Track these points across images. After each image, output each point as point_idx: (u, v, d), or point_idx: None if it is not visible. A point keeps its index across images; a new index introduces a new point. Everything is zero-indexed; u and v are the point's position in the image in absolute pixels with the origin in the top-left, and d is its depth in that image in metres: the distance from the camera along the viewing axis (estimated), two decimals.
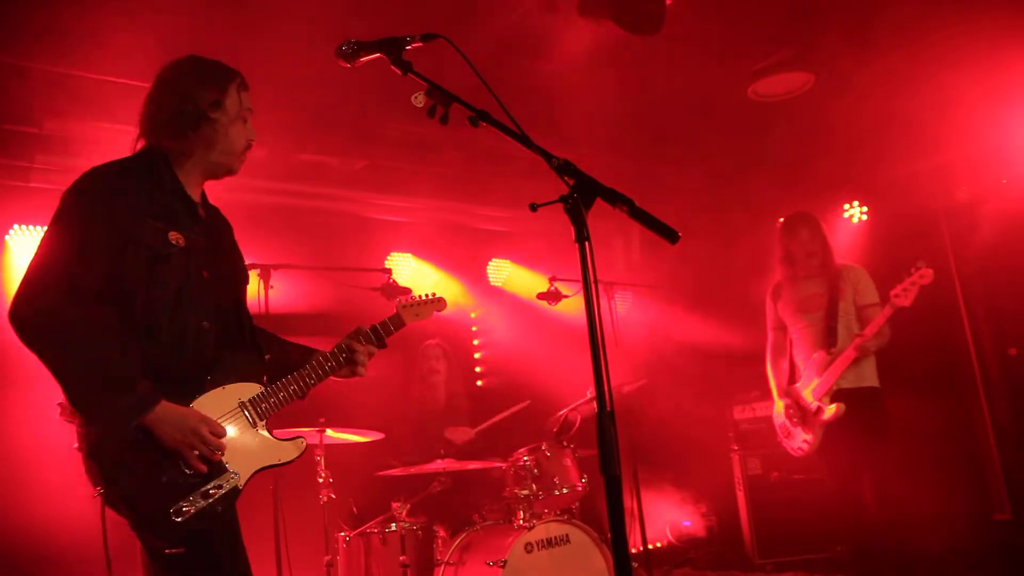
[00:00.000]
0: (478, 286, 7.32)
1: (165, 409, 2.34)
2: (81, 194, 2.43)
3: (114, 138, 4.99)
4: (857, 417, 4.64)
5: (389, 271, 5.41)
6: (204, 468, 2.39)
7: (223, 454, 2.46)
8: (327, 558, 4.48)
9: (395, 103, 3.19)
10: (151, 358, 2.40)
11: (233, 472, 2.48)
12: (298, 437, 2.71)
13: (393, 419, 5.24)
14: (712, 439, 6.77)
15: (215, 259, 2.65)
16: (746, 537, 6.45)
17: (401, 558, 4.35)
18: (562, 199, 2.04)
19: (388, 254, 6.66)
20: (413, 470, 4.74)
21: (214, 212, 2.81)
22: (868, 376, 4.73)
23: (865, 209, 6.76)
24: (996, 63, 5.15)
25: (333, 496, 4.51)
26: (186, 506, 2.35)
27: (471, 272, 7.27)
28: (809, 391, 4.81)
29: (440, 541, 4.60)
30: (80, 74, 4.64)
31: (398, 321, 3.07)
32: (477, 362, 7.25)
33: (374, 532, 4.53)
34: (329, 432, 4.55)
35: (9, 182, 5.15)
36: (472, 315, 7.37)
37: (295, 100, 4.93)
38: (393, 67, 2.33)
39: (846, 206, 6.80)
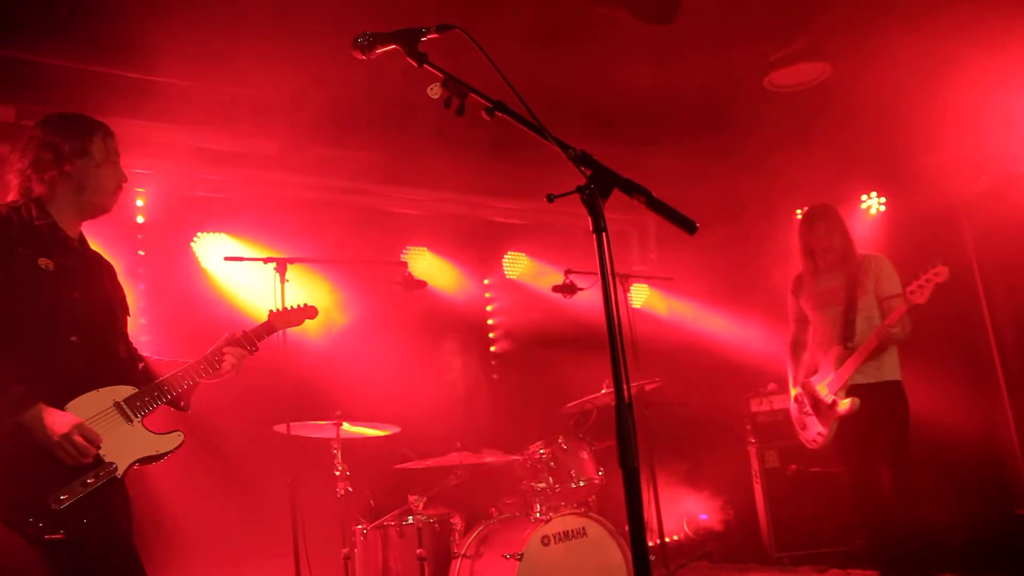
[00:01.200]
0: (493, 279, 7.32)
1: (42, 411, 2.58)
2: None
3: (151, 136, 5.05)
4: (876, 410, 4.61)
5: (405, 264, 5.41)
6: (76, 466, 2.61)
7: (98, 450, 2.67)
8: (345, 551, 4.50)
9: (411, 95, 3.19)
10: (23, 369, 2.63)
11: (111, 463, 2.72)
12: (175, 431, 2.93)
13: (410, 412, 5.24)
14: (729, 432, 6.75)
15: (87, 283, 2.91)
16: (763, 530, 6.43)
17: (418, 551, 4.36)
18: (579, 190, 2.03)
19: (404, 248, 6.67)
20: (430, 463, 4.75)
21: (92, 252, 3.07)
22: (889, 370, 4.68)
23: (883, 200, 6.69)
24: (1019, 50, 5.09)
25: (350, 489, 4.53)
26: (64, 495, 2.56)
27: (486, 265, 7.28)
28: (824, 385, 4.79)
29: (457, 534, 4.61)
30: (96, 69, 4.66)
31: (268, 327, 3.40)
32: (492, 355, 7.25)
33: (391, 525, 4.54)
34: (346, 426, 4.57)
35: None
36: (488, 308, 7.37)
37: (311, 94, 4.93)
38: (409, 59, 2.32)
39: (864, 197, 6.74)
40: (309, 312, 3.79)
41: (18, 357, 2.64)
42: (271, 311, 3.61)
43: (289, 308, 3.72)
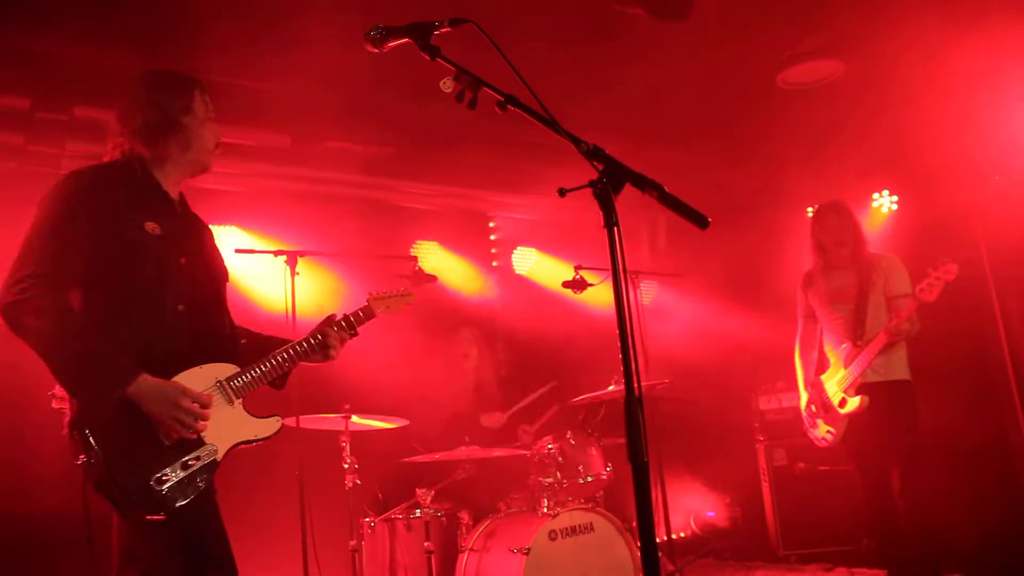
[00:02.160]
0: (503, 274, 7.32)
1: (147, 381, 2.49)
2: (60, 193, 2.63)
3: None
4: (885, 410, 4.60)
5: (415, 259, 5.43)
6: (191, 435, 2.57)
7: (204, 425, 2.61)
8: (352, 543, 4.51)
9: (423, 89, 3.19)
10: (130, 339, 2.56)
11: (211, 445, 2.63)
12: (274, 415, 2.87)
13: (419, 406, 5.25)
14: (737, 429, 6.74)
15: (193, 249, 2.84)
16: (770, 528, 6.42)
17: (425, 544, 4.37)
18: (591, 184, 2.03)
19: (414, 242, 6.68)
20: (438, 457, 4.76)
21: (193, 214, 2.99)
22: (898, 369, 4.68)
23: (895, 199, 6.66)
24: None
25: (358, 482, 4.54)
26: (166, 476, 2.50)
27: (496, 260, 7.28)
28: (834, 383, 4.78)
29: (464, 528, 4.62)
30: (111, 61, 4.67)
31: (369, 312, 3.28)
32: (502, 350, 7.25)
33: (399, 518, 4.56)
34: (355, 419, 4.58)
35: (41, 168, 5.20)
36: (496, 303, 7.37)
37: (322, 87, 4.94)
38: (421, 52, 2.33)
39: (875, 196, 6.71)
40: (408, 298, 3.55)
41: (124, 327, 2.56)
42: (370, 294, 3.38)
43: (389, 293, 3.46)
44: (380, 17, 2.49)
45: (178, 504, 2.50)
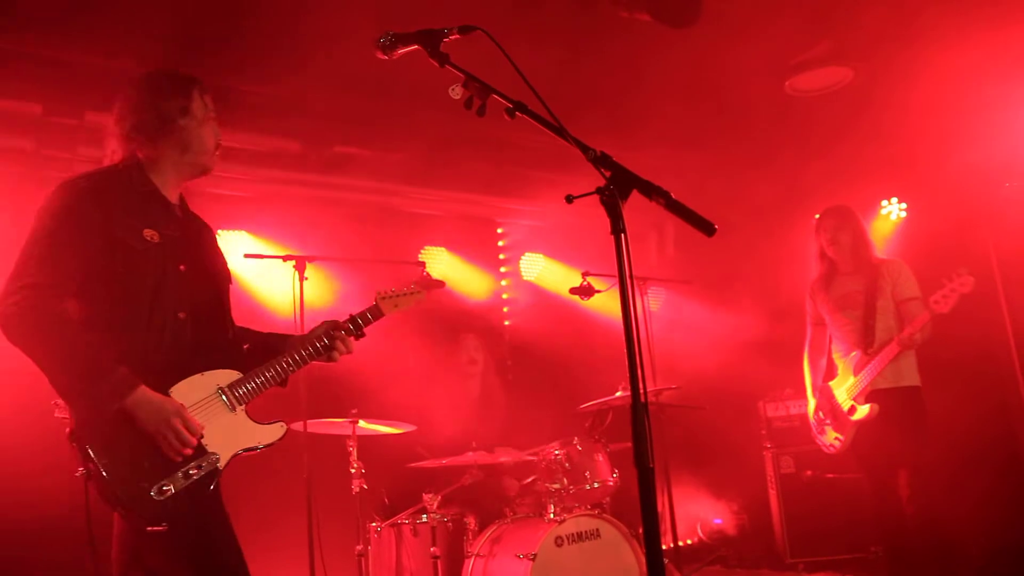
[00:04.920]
0: (511, 279, 7.33)
1: (144, 394, 2.48)
2: (56, 202, 2.61)
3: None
4: (895, 416, 4.58)
5: (423, 264, 5.43)
6: (177, 458, 2.53)
7: (201, 439, 2.58)
8: (359, 548, 4.52)
9: (431, 95, 3.20)
10: (131, 347, 2.55)
11: (213, 454, 2.62)
12: (277, 422, 2.83)
13: (426, 411, 5.26)
14: (745, 436, 6.72)
15: (192, 254, 2.81)
16: (778, 536, 6.40)
17: (432, 549, 4.37)
18: (598, 191, 2.04)
19: (422, 247, 6.69)
20: (444, 462, 4.76)
21: (193, 216, 2.97)
22: (908, 375, 4.66)
23: (904, 206, 6.64)
24: None
25: (365, 486, 4.55)
26: (166, 485, 2.48)
27: (504, 266, 7.28)
28: (844, 390, 4.77)
29: (470, 533, 4.62)
30: (122, 66, 4.70)
31: (376, 311, 3.21)
32: (508, 355, 7.25)
33: (405, 523, 4.56)
34: (362, 423, 4.59)
35: (52, 173, 5.23)
36: (504, 309, 7.38)
37: (331, 92, 4.96)
38: (431, 59, 2.34)
39: (884, 203, 6.70)
40: (419, 296, 3.40)
41: (123, 337, 2.55)
42: (377, 294, 3.28)
43: (397, 292, 3.32)
44: (390, 23, 2.51)
45: (179, 514, 2.48)
